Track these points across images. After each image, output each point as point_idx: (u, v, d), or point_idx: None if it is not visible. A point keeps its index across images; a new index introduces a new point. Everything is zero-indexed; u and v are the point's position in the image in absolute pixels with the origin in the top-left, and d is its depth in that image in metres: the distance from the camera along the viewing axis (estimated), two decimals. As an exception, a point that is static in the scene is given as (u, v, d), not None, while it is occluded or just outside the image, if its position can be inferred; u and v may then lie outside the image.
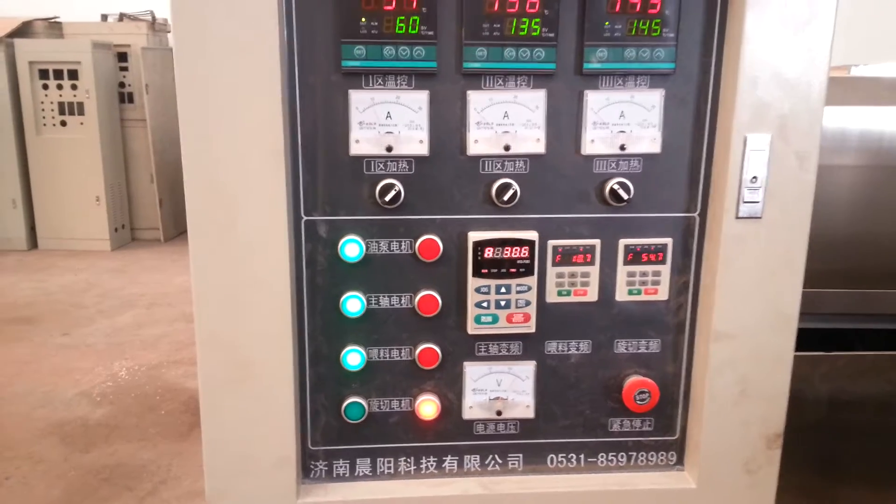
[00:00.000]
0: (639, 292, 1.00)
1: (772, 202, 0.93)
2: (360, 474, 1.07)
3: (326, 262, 0.97)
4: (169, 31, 6.49)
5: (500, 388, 1.04)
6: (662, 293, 1.01)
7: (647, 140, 0.94)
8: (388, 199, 0.93)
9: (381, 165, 0.94)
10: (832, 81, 2.32)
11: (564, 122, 0.94)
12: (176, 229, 6.74)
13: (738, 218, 0.93)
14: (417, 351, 1.01)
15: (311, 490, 1.04)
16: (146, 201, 6.51)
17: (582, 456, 1.07)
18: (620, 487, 1.05)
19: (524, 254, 0.97)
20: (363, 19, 0.88)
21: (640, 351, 1.03)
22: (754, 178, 0.92)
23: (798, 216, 0.94)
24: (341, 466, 1.06)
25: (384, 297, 0.99)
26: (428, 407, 1.03)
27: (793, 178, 0.92)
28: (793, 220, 0.94)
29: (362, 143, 0.92)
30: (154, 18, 6.29)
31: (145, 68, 5.99)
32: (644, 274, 1.00)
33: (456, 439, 1.06)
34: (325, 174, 0.94)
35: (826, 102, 1.95)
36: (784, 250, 0.95)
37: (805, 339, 1.98)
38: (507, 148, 0.94)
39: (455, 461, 1.07)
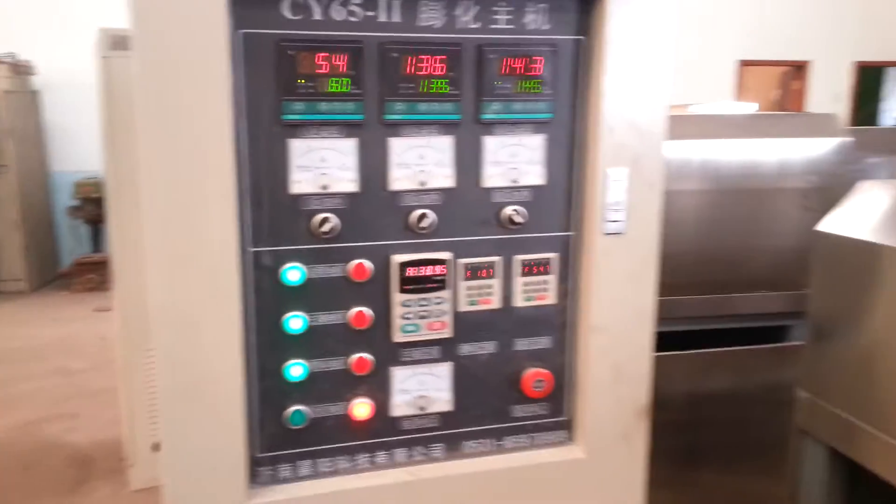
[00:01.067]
0: (532, 299, 1.23)
1: (630, 221, 1.19)
2: (304, 475, 1.20)
3: (271, 287, 1.12)
4: (32, 74, 6.23)
5: (423, 388, 1.22)
6: (551, 298, 1.24)
7: (534, 174, 1.18)
8: (324, 230, 1.10)
9: (318, 202, 1.11)
10: (675, 119, 2.73)
11: (468, 161, 1.16)
12: (42, 279, 6.39)
13: (605, 234, 1.19)
14: (352, 360, 1.17)
15: (259, 493, 1.17)
16: (9, 252, 6.14)
17: (492, 440, 1.27)
18: (523, 464, 1.25)
19: (440, 271, 1.16)
20: (301, 80, 1.06)
21: (535, 347, 1.25)
22: (616, 202, 1.17)
23: (651, 231, 1.20)
24: (286, 469, 1.19)
25: (322, 314, 1.15)
26: (362, 409, 1.20)
27: (645, 201, 1.19)
28: (647, 235, 1.21)
29: (302, 183, 1.09)
30: (16, 61, 6.03)
31: (8, 112, 5.72)
32: (536, 283, 1.22)
33: (387, 436, 1.23)
34: (270, 211, 1.10)
35: (671, 136, 2.32)
36: (641, 258, 1.21)
37: (666, 341, 2.30)
38: (422, 184, 1.14)
39: (386, 455, 1.23)
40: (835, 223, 1.50)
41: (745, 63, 9.12)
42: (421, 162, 1.13)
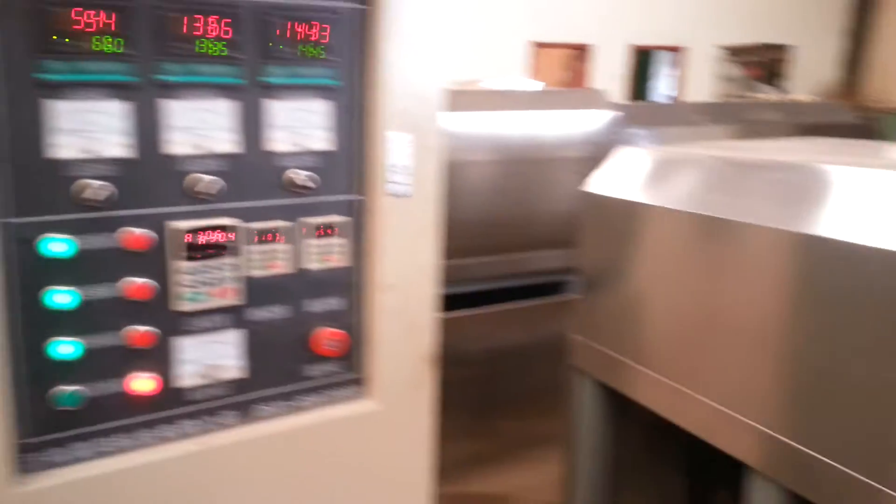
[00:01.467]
0: (323, 261, 1.26)
1: (414, 184, 1.25)
2: (81, 457, 1.13)
3: (34, 261, 1.04)
4: None
5: (212, 357, 1.20)
6: (342, 260, 1.27)
7: (321, 140, 1.20)
8: (92, 197, 1.04)
9: (85, 168, 1.04)
10: (466, 93, 2.85)
11: (253, 126, 1.15)
12: None
13: (390, 196, 1.24)
14: (131, 334, 1.12)
15: (28, 480, 1.08)
16: None
17: (286, 402, 1.29)
18: (318, 421, 1.29)
19: (226, 238, 1.15)
20: (61, 37, 0.98)
21: (328, 308, 1.29)
22: (400, 166, 1.23)
23: (433, 193, 1.28)
24: (60, 453, 1.11)
25: (96, 288, 1.09)
26: (145, 384, 1.15)
27: (427, 165, 1.26)
28: (430, 196, 1.28)
29: (65, 148, 1.02)
30: None
31: None
32: (327, 246, 1.25)
33: (174, 409, 1.19)
34: (30, 179, 1.01)
35: (462, 109, 2.41)
36: (425, 219, 1.29)
37: (462, 302, 2.45)
38: (204, 149, 1.11)
39: (175, 428, 1.20)
40: (597, 184, 1.69)
41: (536, 45, 9.74)
42: (201, 126, 1.10)
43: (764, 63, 10.02)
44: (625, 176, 1.64)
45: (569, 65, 10.81)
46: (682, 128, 2.83)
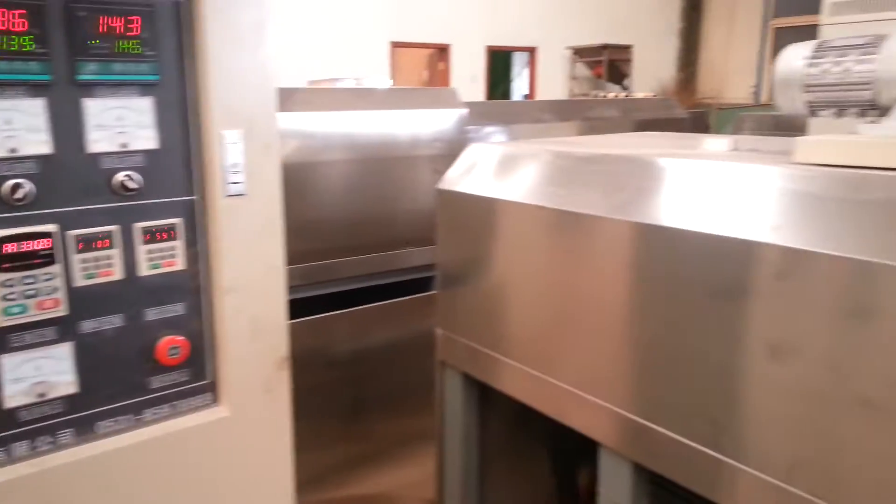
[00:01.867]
0: (159, 266, 1.21)
1: (251, 182, 1.23)
2: None
3: None
4: None
5: (41, 373, 1.13)
6: (179, 264, 1.23)
7: (146, 139, 1.15)
8: None
9: None
10: (320, 91, 2.81)
11: (68, 125, 1.08)
12: None
13: (227, 196, 1.21)
14: (-59, 354, 1.03)
15: None
16: None
17: (130, 416, 1.23)
18: (166, 433, 1.24)
19: (45, 245, 1.08)
20: None
21: (168, 315, 1.24)
22: (234, 164, 1.21)
23: (272, 190, 1.27)
24: None
25: None
26: (-38, 408, 1.06)
27: (263, 163, 1.24)
28: (269, 194, 1.26)
29: None
30: None
31: None
32: (161, 250, 1.20)
33: (2, 430, 1.11)
34: None
35: (316, 108, 2.37)
36: (266, 217, 1.27)
37: (329, 302, 2.43)
38: (12, 151, 1.04)
39: (3, 452, 1.12)
40: (449, 181, 1.73)
41: (396, 44, 9.81)
42: (8, 128, 1.03)
43: (608, 62, 10.68)
44: (475, 172, 1.70)
45: (429, 65, 10.98)
46: (532, 125, 2.96)
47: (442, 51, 10.40)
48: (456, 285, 1.72)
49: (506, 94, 12.14)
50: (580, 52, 11.10)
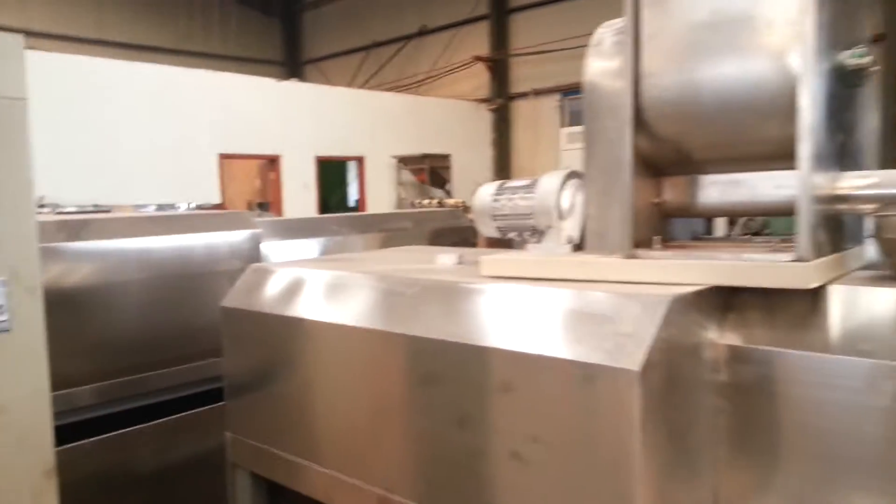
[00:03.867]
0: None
1: (16, 320, 1.42)
2: None
3: None
4: None
5: None
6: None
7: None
8: None
9: None
10: (119, 220, 2.94)
11: None
12: None
13: (-8, 333, 1.40)
14: None
15: None
16: None
17: None
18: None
19: None
20: None
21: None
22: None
23: (35, 326, 1.46)
24: None
25: None
26: None
27: (27, 303, 1.44)
28: (33, 330, 1.45)
29: None
30: None
31: None
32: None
33: None
34: None
35: (114, 236, 2.51)
36: (31, 349, 1.46)
37: (130, 418, 2.48)
38: None
39: None
40: (231, 298, 1.98)
41: (225, 156, 10.00)
42: None
43: (429, 170, 11.53)
44: (254, 290, 1.96)
45: (261, 174, 11.23)
46: (329, 238, 3.27)
47: (272, 161, 10.71)
48: (241, 392, 1.94)
49: (342, 200, 12.61)
50: (404, 161, 11.90)
